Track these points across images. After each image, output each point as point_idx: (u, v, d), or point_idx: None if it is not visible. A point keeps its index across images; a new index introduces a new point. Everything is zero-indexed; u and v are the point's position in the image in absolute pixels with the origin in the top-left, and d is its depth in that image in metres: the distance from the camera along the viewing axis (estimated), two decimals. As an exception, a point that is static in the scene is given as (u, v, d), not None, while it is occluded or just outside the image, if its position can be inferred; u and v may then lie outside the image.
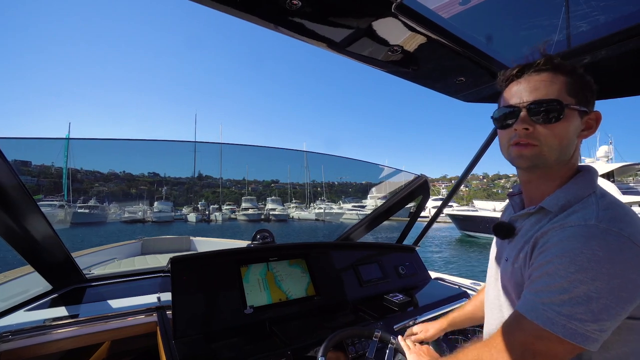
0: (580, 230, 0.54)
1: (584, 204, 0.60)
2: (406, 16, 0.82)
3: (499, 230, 0.74)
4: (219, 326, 1.22)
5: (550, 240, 0.57)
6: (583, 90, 0.63)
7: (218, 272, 1.37)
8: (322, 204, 17.82)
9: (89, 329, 1.22)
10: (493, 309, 0.76)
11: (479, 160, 1.66)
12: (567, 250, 0.52)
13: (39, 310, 1.30)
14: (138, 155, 2.38)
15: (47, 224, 1.21)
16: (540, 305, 0.53)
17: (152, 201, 24.36)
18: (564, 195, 0.63)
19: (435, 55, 1.03)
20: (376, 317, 1.41)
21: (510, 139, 0.66)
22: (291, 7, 0.74)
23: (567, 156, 0.64)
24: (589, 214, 0.56)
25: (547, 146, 0.62)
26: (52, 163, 8.40)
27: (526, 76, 0.65)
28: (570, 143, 0.63)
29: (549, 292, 0.52)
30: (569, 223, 0.57)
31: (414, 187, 2.01)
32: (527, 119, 0.62)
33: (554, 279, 0.52)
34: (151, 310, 1.35)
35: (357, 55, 1.00)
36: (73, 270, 1.52)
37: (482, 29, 1.03)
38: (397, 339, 0.98)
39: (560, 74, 0.62)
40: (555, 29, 1.01)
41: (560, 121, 0.60)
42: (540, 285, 0.54)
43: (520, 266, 0.64)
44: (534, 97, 0.62)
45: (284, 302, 1.41)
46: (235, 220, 28.77)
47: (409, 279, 1.88)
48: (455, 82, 1.25)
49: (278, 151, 2.69)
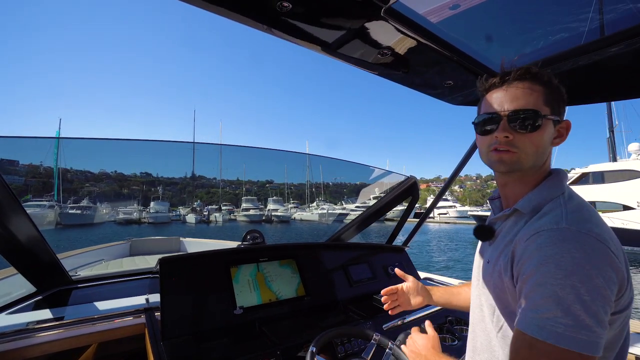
0: (555, 234, 0.56)
1: (552, 205, 0.63)
2: (395, 20, 0.83)
3: (479, 233, 0.77)
4: (208, 327, 1.22)
5: (529, 247, 0.58)
6: (557, 101, 0.66)
7: (208, 272, 1.36)
8: (324, 205, 17.70)
9: (74, 332, 1.20)
10: (474, 308, 0.79)
11: (465, 164, 1.69)
12: (548, 257, 0.54)
13: (22, 313, 1.27)
14: (130, 155, 2.34)
15: (31, 224, 1.19)
16: (545, 321, 0.51)
17: (146, 201, 23.65)
18: (535, 198, 0.66)
19: (425, 59, 1.05)
20: (365, 316, 1.42)
21: (490, 145, 0.69)
22: (282, 9, 0.75)
23: (541, 162, 0.68)
24: (558, 216, 0.59)
25: (524, 153, 0.65)
26: (40, 162, 8.18)
27: (506, 85, 0.67)
28: (545, 150, 0.67)
29: (547, 305, 0.51)
30: (542, 227, 0.58)
31: (404, 188, 2.04)
32: (507, 127, 0.65)
33: (545, 288, 0.52)
34: (139, 311, 1.34)
35: (347, 57, 1.01)
36: (58, 272, 1.49)
37: (470, 33, 1.05)
38: (395, 346, 0.98)
39: (538, 84, 0.65)
40: (542, 35, 1.04)
41: (537, 130, 0.64)
42: (536, 299, 0.53)
43: (500, 270, 0.65)
44: (514, 107, 0.65)
45: (274, 303, 1.41)
46: (235, 221, 28.07)
47: (399, 279, 1.88)
48: (444, 86, 1.27)
49: (273, 152, 2.69)
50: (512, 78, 0.66)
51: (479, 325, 0.76)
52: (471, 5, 0.90)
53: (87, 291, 1.53)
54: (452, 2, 0.87)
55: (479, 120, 0.71)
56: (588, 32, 0.93)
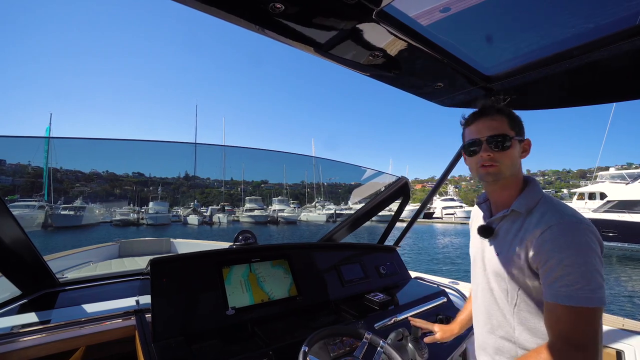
0: (565, 227, 0.75)
1: (543, 205, 0.83)
2: (387, 23, 0.84)
3: (482, 232, 0.94)
4: (199, 328, 1.21)
5: (546, 239, 0.75)
6: (518, 126, 0.89)
7: (199, 273, 1.35)
8: (330, 205, 17.46)
9: (60, 335, 1.17)
10: (485, 293, 0.95)
11: (452, 168, 1.72)
12: (568, 245, 0.72)
13: (6, 317, 1.24)
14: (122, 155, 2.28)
15: (16, 224, 1.16)
16: (576, 291, 0.69)
17: (143, 202, 22.62)
18: (526, 200, 0.86)
19: (416, 61, 1.06)
20: (357, 316, 1.43)
21: (477, 163, 0.89)
22: (274, 10, 0.75)
23: (516, 171, 0.89)
24: (557, 212, 0.79)
25: (504, 165, 0.86)
26: (29, 162, 7.99)
27: (482, 119, 0.90)
28: (517, 162, 0.89)
29: (575, 279, 0.70)
30: (550, 222, 0.77)
31: (396, 189, 2.06)
32: (487, 148, 0.87)
33: (573, 268, 0.70)
34: (129, 314, 1.32)
35: (339, 58, 1.02)
36: (44, 275, 1.45)
37: (460, 37, 1.07)
38: (386, 344, 1.02)
39: (503, 115, 0.88)
40: (530, 39, 1.06)
41: (509, 148, 0.86)
42: (569, 278, 0.70)
43: (512, 259, 0.83)
44: (490, 133, 0.87)
45: (266, 303, 1.41)
46: (238, 222, 27.20)
47: (390, 279, 1.91)
48: (435, 87, 1.29)
49: (267, 153, 2.68)
50: (485, 113, 0.89)
51: (492, 307, 0.92)
52: (462, 9, 0.91)
53: (74, 294, 1.50)
54: (443, 5, 0.88)
55: (466, 144, 0.92)
56: (579, 35, 0.96)
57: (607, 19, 0.90)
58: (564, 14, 0.94)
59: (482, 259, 0.95)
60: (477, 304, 1.00)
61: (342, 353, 1.14)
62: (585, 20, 0.93)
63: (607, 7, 0.87)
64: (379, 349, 0.98)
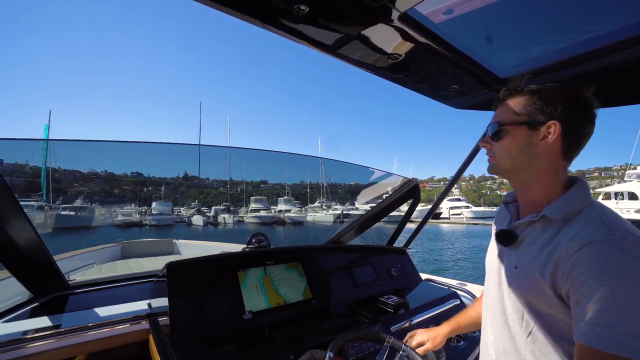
0: (614, 245, 0.56)
1: (587, 215, 0.64)
2: (409, 26, 0.84)
3: (501, 238, 0.77)
4: (217, 332, 1.20)
5: (584, 258, 0.57)
6: (535, 104, 0.70)
7: (215, 277, 1.34)
8: (336, 205, 17.33)
9: (71, 340, 1.15)
10: (495, 311, 0.79)
11: (462, 172, 1.72)
12: (612, 270, 0.54)
13: (19, 321, 1.22)
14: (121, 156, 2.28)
15: (30, 225, 1.14)
16: (623, 336, 0.51)
17: (146, 201, 22.16)
18: (564, 205, 0.67)
19: (433, 64, 1.06)
20: (372, 318, 1.42)
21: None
22: (298, 12, 0.75)
23: (523, 163, 0.72)
24: (606, 225, 0.60)
25: (499, 157, 0.76)
26: (26, 161, 7.92)
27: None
28: (520, 152, 0.72)
29: (624, 319, 0.51)
30: (593, 237, 0.58)
31: (406, 191, 2.05)
32: (486, 138, 0.80)
33: (620, 301, 0.52)
34: (140, 317, 1.30)
35: (356, 61, 1.01)
36: (55, 277, 1.43)
37: (476, 39, 1.07)
38: (408, 348, 0.99)
39: (517, 96, 0.74)
40: (548, 40, 1.06)
41: (503, 137, 0.74)
42: (608, 314, 0.53)
43: (535, 276, 0.66)
44: (490, 122, 0.78)
45: (282, 306, 1.40)
46: (243, 222, 26.60)
47: (401, 281, 1.91)
48: (449, 90, 1.28)
49: (268, 153, 2.67)
50: (500, 99, 0.79)
51: (501, 329, 0.76)
52: (477, 10, 0.91)
53: (84, 297, 1.48)
54: (463, 9, 0.88)
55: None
56: (595, 38, 0.96)
57: (622, 23, 0.90)
58: (579, 18, 0.94)
59: (499, 270, 0.79)
60: (485, 324, 0.84)
61: (361, 357, 1.14)
62: (601, 24, 0.93)
63: (623, 12, 0.87)
64: (400, 352, 0.98)
